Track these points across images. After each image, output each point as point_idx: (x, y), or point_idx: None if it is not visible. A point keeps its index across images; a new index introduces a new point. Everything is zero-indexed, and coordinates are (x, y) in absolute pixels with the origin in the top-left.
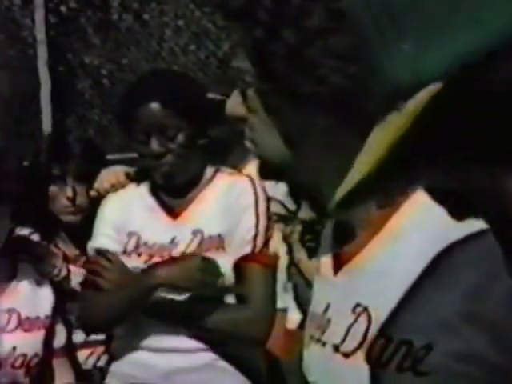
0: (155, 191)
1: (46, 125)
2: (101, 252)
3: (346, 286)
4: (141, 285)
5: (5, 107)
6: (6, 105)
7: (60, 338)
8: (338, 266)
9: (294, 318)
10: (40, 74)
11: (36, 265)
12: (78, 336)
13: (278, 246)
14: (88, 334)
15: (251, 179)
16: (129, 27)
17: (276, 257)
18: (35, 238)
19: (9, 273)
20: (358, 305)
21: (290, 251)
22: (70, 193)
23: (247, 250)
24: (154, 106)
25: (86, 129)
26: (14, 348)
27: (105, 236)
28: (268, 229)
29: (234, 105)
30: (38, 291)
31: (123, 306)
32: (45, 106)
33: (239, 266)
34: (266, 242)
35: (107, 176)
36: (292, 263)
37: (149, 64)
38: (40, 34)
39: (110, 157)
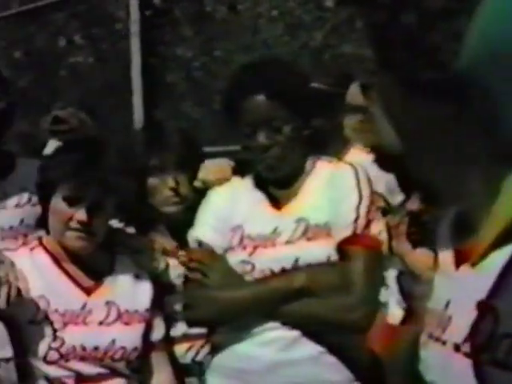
0: (259, 184)
1: (138, 117)
2: (203, 246)
3: (468, 282)
4: (280, 286)
5: (98, 100)
6: (99, 97)
7: (158, 332)
8: (459, 261)
9: (395, 312)
10: (133, 67)
11: (134, 258)
12: (177, 329)
13: (381, 235)
14: (192, 326)
15: (352, 165)
16: (222, 18)
17: (379, 240)
18: (130, 231)
19: (107, 266)
20: (481, 302)
21: (389, 242)
22: (172, 183)
23: (348, 232)
24: (261, 98)
25: (178, 121)
26: (114, 341)
27: (208, 226)
28: (369, 211)
29: (354, 95)
30: (136, 284)
31: (246, 303)
32: (137, 98)
33: (341, 248)
34: (368, 225)
35: (213, 168)
36: (392, 254)
37: (242, 56)
38: (134, 26)
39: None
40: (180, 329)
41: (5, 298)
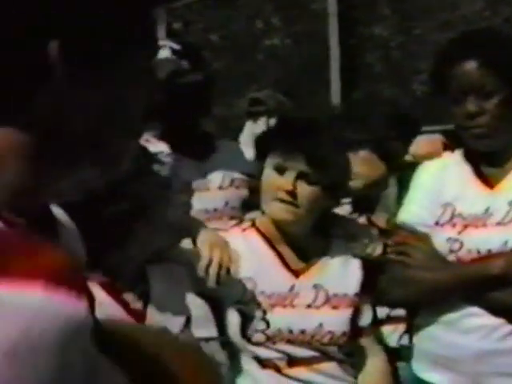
0: (470, 160)
1: (335, 98)
2: (409, 227)
3: None
4: (478, 272)
5: (294, 82)
6: (295, 80)
7: (367, 316)
8: None
9: None
10: (330, 47)
11: (348, 242)
12: (381, 311)
13: None
14: (392, 307)
15: None
16: None
17: None
18: (347, 208)
19: (320, 249)
20: None
21: None
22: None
23: None
24: (472, 64)
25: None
26: (321, 325)
27: (418, 205)
28: None
29: None
30: (347, 268)
31: (445, 286)
32: (334, 78)
33: None
34: None
35: (424, 143)
36: None
37: (441, 33)
38: (331, 6)
39: None
40: (384, 311)
41: (214, 278)
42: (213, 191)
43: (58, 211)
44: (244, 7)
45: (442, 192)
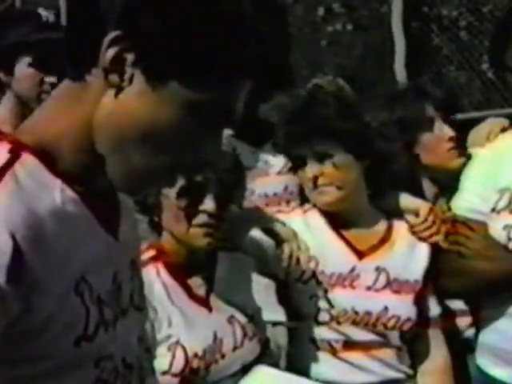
0: None
1: (401, 84)
2: (463, 218)
3: None
4: None
5: (358, 68)
6: (359, 66)
7: (434, 307)
8: None
9: None
10: (394, 31)
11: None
12: (457, 303)
13: None
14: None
15: None
16: None
17: None
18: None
19: (383, 231)
20: None
21: None
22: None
23: None
24: None
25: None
26: (386, 308)
27: (471, 192)
28: None
29: None
30: (414, 253)
31: (506, 277)
32: (399, 64)
33: None
34: None
35: (484, 128)
36: None
37: None
38: None
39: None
40: (459, 303)
41: (284, 271)
42: (272, 176)
43: (123, 197)
44: None
45: (497, 177)
